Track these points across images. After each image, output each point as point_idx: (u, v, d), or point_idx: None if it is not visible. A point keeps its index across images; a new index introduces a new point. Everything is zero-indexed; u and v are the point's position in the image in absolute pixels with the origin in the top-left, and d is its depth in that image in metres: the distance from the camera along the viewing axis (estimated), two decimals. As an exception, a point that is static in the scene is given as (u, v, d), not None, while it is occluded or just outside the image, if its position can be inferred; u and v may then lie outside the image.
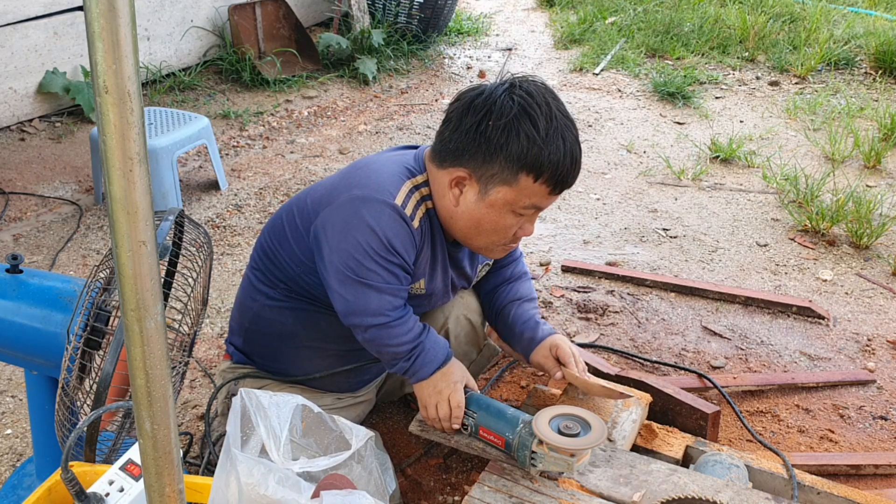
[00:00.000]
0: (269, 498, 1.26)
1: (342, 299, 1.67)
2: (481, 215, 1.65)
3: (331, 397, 1.93)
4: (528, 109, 1.58)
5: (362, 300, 1.65)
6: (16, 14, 3.88)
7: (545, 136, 1.57)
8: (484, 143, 1.59)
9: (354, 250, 1.61)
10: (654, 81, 4.95)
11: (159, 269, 0.86)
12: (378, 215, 1.60)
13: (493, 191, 1.62)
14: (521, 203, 1.63)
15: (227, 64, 4.81)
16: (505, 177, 1.60)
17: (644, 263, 3.10)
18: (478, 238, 1.71)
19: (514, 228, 1.69)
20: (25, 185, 3.55)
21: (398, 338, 1.70)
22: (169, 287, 1.72)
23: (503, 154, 1.58)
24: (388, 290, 1.66)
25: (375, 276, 1.63)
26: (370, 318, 1.67)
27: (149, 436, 0.92)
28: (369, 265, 1.62)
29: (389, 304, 1.67)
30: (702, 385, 2.32)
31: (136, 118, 0.77)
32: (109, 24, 0.72)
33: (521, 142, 1.57)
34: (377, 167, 1.70)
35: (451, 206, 1.68)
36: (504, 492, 1.68)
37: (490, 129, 1.58)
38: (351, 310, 1.68)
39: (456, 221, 1.69)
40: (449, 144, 1.64)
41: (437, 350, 1.76)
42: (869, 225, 3.20)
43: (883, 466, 2.07)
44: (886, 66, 5.13)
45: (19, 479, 1.89)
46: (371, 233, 1.60)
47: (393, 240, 1.61)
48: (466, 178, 1.63)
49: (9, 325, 1.61)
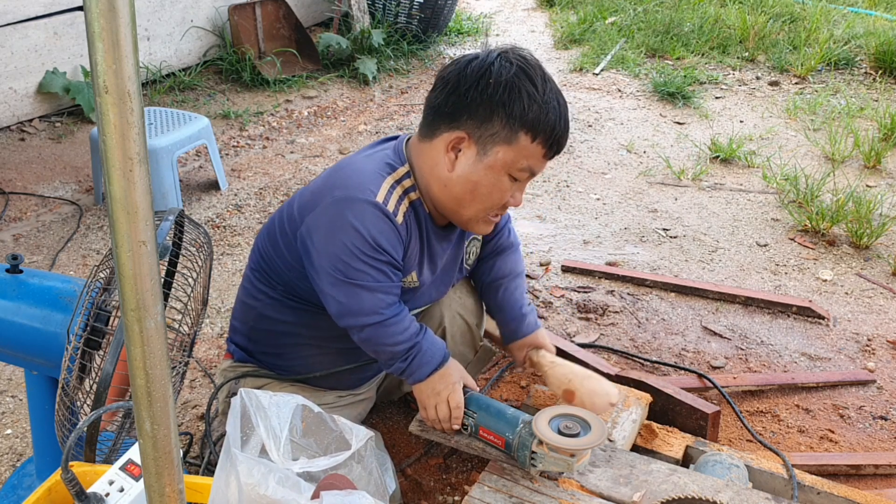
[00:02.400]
0: (269, 498, 1.26)
1: (335, 301, 1.67)
2: (479, 178, 1.64)
3: (332, 395, 1.93)
4: (527, 70, 1.61)
5: (355, 301, 1.65)
6: (16, 14, 3.88)
7: (543, 96, 1.60)
8: (484, 102, 1.59)
9: (341, 252, 1.61)
10: (654, 81, 4.95)
11: (159, 269, 0.86)
12: (361, 215, 1.60)
13: (492, 151, 1.62)
14: (518, 164, 1.63)
15: (227, 64, 4.81)
16: (505, 135, 1.60)
17: (644, 263, 3.10)
18: (471, 205, 1.68)
19: (508, 194, 1.68)
20: (25, 185, 3.55)
21: (394, 336, 1.70)
22: (169, 287, 1.72)
23: (504, 112, 1.59)
24: (380, 289, 1.65)
25: (365, 276, 1.63)
26: (364, 317, 1.67)
27: (149, 436, 0.92)
28: (357, 266, 1.62)
29: (382, 303, 1.66)
30: (702, 385, 2.32)
31: (136, 118, 0.77)
32: (109, 24, 0.72)
33: (523, 100, 1.58)
34: (357, 166, 1.70)
35: (445, 174, 1.66)
36: (504, 492, 1.68)
37: (491, 88, 1.59)
38: (344, 311, 1.68)
39: (451, 189, 1.67)
40: (444, 108, 1.64)
41: (435, 351, 1.76)
42: (869, 225, 3.20)
43: (883, 466, 2.07)
44: (886, 66, 5.13)
45: (19, 479, 1.89)
46: (356, 233, 1.60)
47: (378, 238, 1.61)
48: (465, 140, 1.63)
49: (9, 325, 1.61)
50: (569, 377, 1.88)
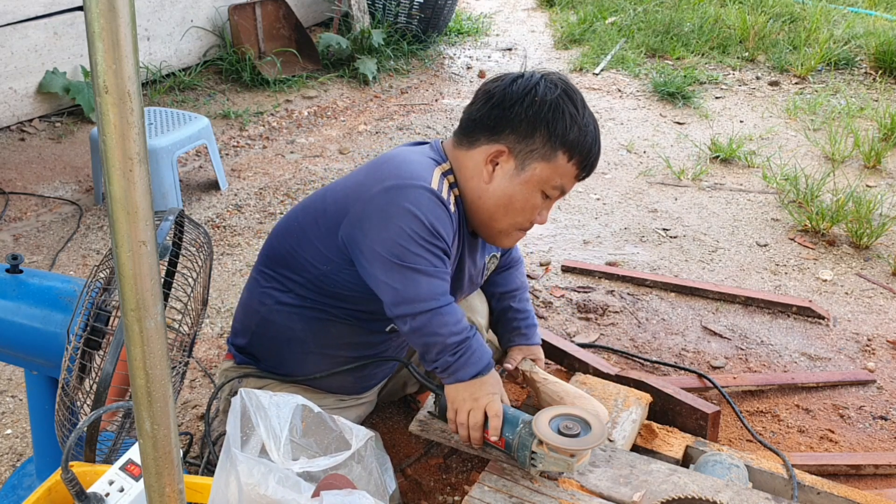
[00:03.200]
0: (269, 498, 1.26)
1: (390, 288, 1.64)
2: (514, 192, 1.68)
3: (333, 398, 1.92)
4: (570, 93, 1.67)
5: (412, 286, 1.62)
6: (16, 14, 3.88)
7: (583, 119, 1.66)
8: (528, 119, 1.64)
9: (398, 237, 1.60)
10: (654, 81, 4.95)
11: (159, 269, 0.86)
12: (418, 200, 1.60)
13: (529, 167, 1.66)
14: (552, 182, 1.68)
15: (227, 64, 4.80)
16: (544, 153, 1.65)
17: (644, 263, 3.10)
18: (503, 219, 1.71)
19: (537, 211, 1.72)
20: (25, 185, 3.55)
21: (448, 326, 1.66)
22: (169, 287, 1.72)
23: (547, 130, 1.64)
24: (437, 274, 1.64)
25: (423, 261, 1.61)
26: (421, 303, 1.63)
27: (149, 436, 0.92)
28: (416, 250, 1.60)
29: (440, 289, 1.64)
30: (702, 385, 2.32)
31: (136, 118, 0.77)
32: (109, 24, 0.72)
33: (566, 120, 1.64)
34: (403, 158, 1.71)
35: (481, 185, 1.69)
36: (504, 492, 1.68)
37: (536, 106, 1.64)
38: (401, 298, 1.64)
39: (485, 201, 1.70)
40: (487, 120, 1.68)
41: (483, 353, 1.73)
42: (869, 225, 3.20)
43: (883, 466, 2.07)
44: (886, 66, 5.13)
45: (19, 479, 1.89)
46: (413, 217, 1.59)
47: (436, 223, 1.61)
48: (505, 154, 1.66)
49: (9, 325, 1.61)
50: (560, 395, 1.89)
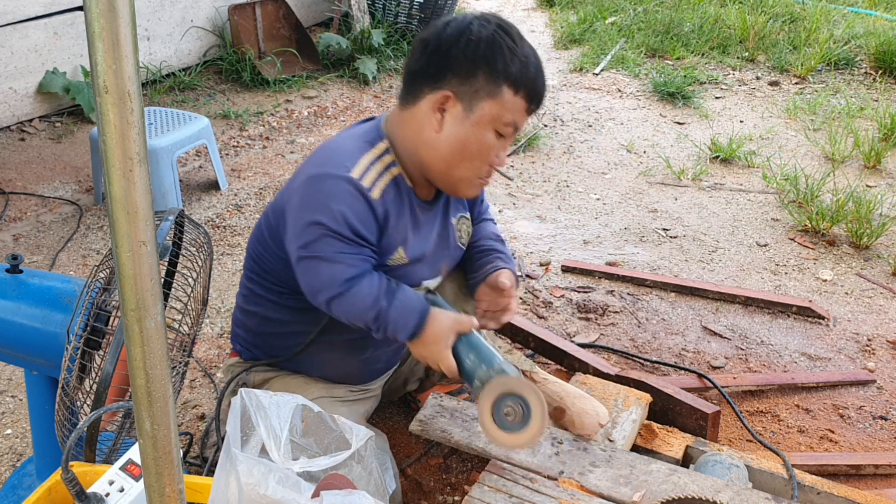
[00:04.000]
0: (269, 498, 1.26)
1: (302, 280, 1.66)
2: (466, 135, 1.66)
3: (343, 388, 1.92)
4: (505, 27, 1.66)
5: (314, 275, 1.63)
6: (16, 14, 3.88)
7: (523, 51, 1.65)
8: (467, 59, 1.62)
9: (307, 227, 1.61)
10: (654, 81, 4.95)
11: (159, 269, 0.86)
12: (330, 190, 1.61)
13: (477, 107, 1.64)
14: (503, 119, 1.65)
15: (227, 64, 4.80)
16: (489, 90, 1.63)
17: (644, 263, 3.10)
18: (461, 165, 1.69)
19: (494, 153, 1.69)
20: (25, 185, 3.55)
21: (357, 305, 1.63)
22: (169, 287, 1.72)
23: (487, 66, 1.62)
24: (340, 260, 1.62)
25: (326, 248, 1.61)
26: (325, 291, 1.63)
27: (149, 436, 0.92)
28: (320, 239, 1.61)
29: (342, 274, 1.62)
30: (702, 385, 2.32)
31: (136, 118, 0.77)
32: (109, 24, 0.72)
33: (505, 53, 1.62)
34: (335, 145, 1.71)
35: (433, 136, 1.67)
36: (504, 492, 1.68)
37: (473, 44, 1.62)
38: (310, 289, 1.65)
39: (440, 151, 1.68)
40: (427, 70, 1.66)
41: (406, 316, 1.66)
42: (869, 225, 3.20)
43: (883, 466, 2.07)
44: (886, 66, 5.13)
45: (19, 479, 1.89)
46: (323, 208, 1.60)
47: (347, 213, 1.60)
48: (450, 98, 1.65)
49: (9, 325, 1.61)
50: (560, 395, 1.89)
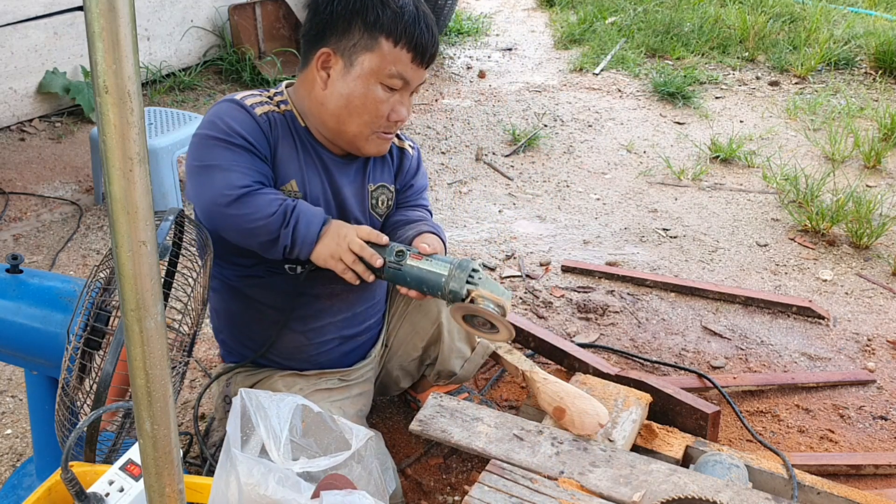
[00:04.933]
0: (269, 498, 1.26)
1: (195, 197, 1.67)
2: (350, 90, 1.67)
3: (325, 381, 1.92)
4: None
5: (208, 183, 1.62)
6: (16, 14, 3.88)
7: (398, 1, 1.65)
8: (341, 15, 1.65)
9: (197, 145, 1.67)
10: (654, 81, 4.95)
11: (159, 269, 0.86)
12: (217, 111, 1.68)
13: (357, 61, 1.66)
14: (385, 70, 1.66)
15: (227, 64, 4.80)
16: (366, 43, 1.65)
17: (644, 263, 3.10)
18: (350, 121, 1.70)
19: (386, 106, 1.69)
20: (25, 185, 3.54)
21: (262, 208, 1.60)
22: (169, 287, 1.72)
23: (360, 20, 1.64)
24: (233, 168, 1.62)
25: (218, 157, 1.63)
26: (219, 197, 1.60)
27: (149, 436, 0.92)
28: (210, 150, 1.64)
29: (239, 181, 1.61)
30: (702, 385, 2.32)
31: (136, 118, 0.77)
32: (109, 24, 0.72)
33: (376, 5, 1.64)
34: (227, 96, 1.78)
35: (321, 93, 1.70)
36: (504, 492, 1.68)
37: (345, 0, 1.65)
38: (203, 201, 1.64)
39: (327, 107, 1.70)
40: (311, 32, 1.70)
41: (314, 210, 1.66)
42: (869, 225, 3.20)
43: (883, 466, 2.07)
44: (886, 66, 5.13)
45: (19, 479, 1.89)
46: (210, 124, 1.66)
47: (231, 122, 1.65)
48: (331, 55, 1.67)
49: (9, 325, 1.61)
50: (560, 395, 1.89)
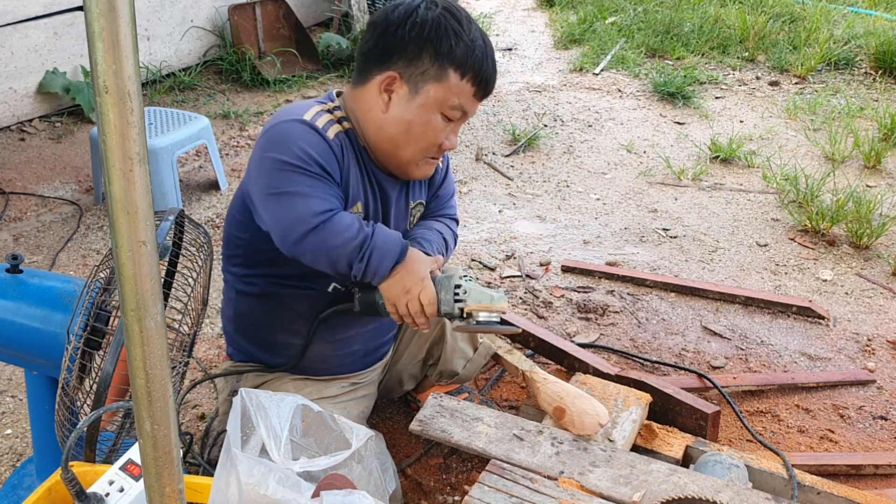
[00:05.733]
0: (269, 498, 1.26)
1: (272, 222, 1.63)
2: (412, 117, 1.67)
3: (335, 386, 1.92)
4: (452, 11, 1.67)
5: (288, 210, 1.60)
6: (16, 14, 3.88)
7: (469, 34, 1.65)
8: (413, 41, 1.64)
9: (271, 169, 1.62)
10: (654, 81, 4.95)
11: (159, 269, 0.86)
12: (286, 130, 1.63)
13: (423, 89, 1.66)
14: (449, 102, 1.66)
15: (227, 64, 4.80)
16: (435, 73, 1.64)
17: (644, 263, 3.10)
18: (407, 147, 1.70)
19: (442, 135, 1.70)
20: (25, 185, 3.54)
21: (340, 235, 1.60)
22: (169, 287, 1.72)
23: (432, 49, 1.63)
24: (313, 194, 1.61)
25: (296, 183, 1.60)
26: (302, 224, 1.59)
27: (149, 436, 0.92)
28: (287, 176, 1.60)
29: (319, 207, 1.59)
30: (702, 385, 2.32)
31: (136, 118, 0.76)
32: (109, 24, 0.72)
33: (450, 37, 1.63)
34: (286, 108, 1.74)
35: (380, 116, 1.69)
36: (504, 492, 1.68)
37: (418, 27, 1.63)
38: (283, 228, 1.62)
39: (386, 130, 1.69)
40: (375, 51, 1.69)
41: (391, 243, 1.66)
42: (869, 225, 3.20)
43: (883, 466, 2.07)
44: (886, 66, 5.13)
45: (19, 479, 1.89)
46: (283, 147, 1.61)
47: (306, 147, 1.61)
48: (396, 79, 1.67)
49: (9, 325, 1.61)
50: (560, 395, 1.89)
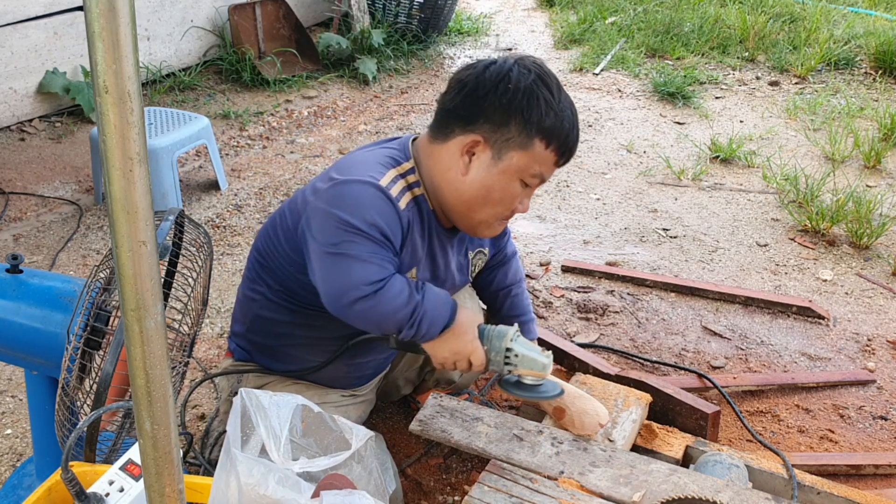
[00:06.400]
0: (269, 498, 1.26)
1: (324, 281, 1.59)
2: (492, 182, 1.64)
3: (335, 394, 1.92)
4: (545, 78, 1.62)
5: (343, 273, 1.56)
6: (16, 14, 3.88)
7: (559, 104, 1.62)
8: (502, 107, 1.60)
9: (335, 227, 1.57)
10: (654, 81, 4.95)
11: (159, 269, 0.86)
12: (359, 193, 1.58)
13: (506, 156, 1.62)
14: (531, 170, 1.64)
15: (227, 64, 4.80)
16: (521, 141, 1.61)
17: (644, 263, 3.10)
18: (482, 210, 1.68)
19: (518, 200, 1.69)
20: (25, 185, 3.55)
21: (391, 303, 1.58)
22: (169, 287, 1.72)
23: (521, 117, 1.59)
24: (371, 260, 1.57)
25: (356, 247, 1.56)
26: (354, 290, 1.56)
27: (149, 436, 0.92)
28: (349, 237, 1.56)
29: (374, 275, 1.57)
30: (702, 385, 2.32)
31: (136, 118, 0.76)
32: (109, 24, 0.72)
33: (541, 106, 1.59)
34: (360, 158, 1.69)
35: (458, 178, 1.65)
36: (504, 492, 1.68)
37: (510, 93, 1.59)
38: (335, 290, 1.58)
39: (462, 193, 1.66)
40: (460, 111, 1.64)
41: (440, 308, 1.65)
42: (869, 225, 3.20)
43: (883, 466, 2.07)
44: (886, 66, 5.13)
45: (19, 479, 1.89)
46: (352, 208, 1.56)
47: (375, 215, 1.57)
48: (480, 143, 1.63)
49: (9, 325, 1.61)
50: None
